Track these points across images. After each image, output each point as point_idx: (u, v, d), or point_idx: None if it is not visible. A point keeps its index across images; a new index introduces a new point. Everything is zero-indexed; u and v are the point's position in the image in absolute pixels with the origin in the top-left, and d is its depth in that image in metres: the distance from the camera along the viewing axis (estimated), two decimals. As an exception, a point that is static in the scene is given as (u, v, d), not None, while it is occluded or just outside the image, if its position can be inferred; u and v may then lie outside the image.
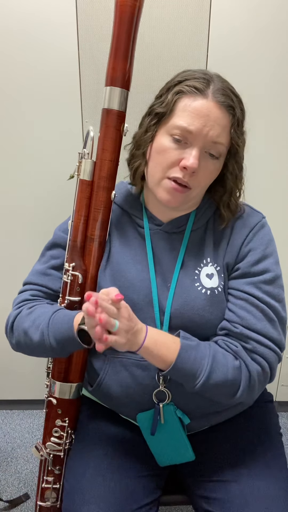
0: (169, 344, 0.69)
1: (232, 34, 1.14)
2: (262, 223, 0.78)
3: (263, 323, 0.72)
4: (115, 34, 0.71)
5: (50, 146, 1.25)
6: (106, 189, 0.76)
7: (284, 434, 1.46)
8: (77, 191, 0.78)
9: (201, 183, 0.72)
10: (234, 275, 0.76)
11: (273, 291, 0.74)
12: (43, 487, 0.85)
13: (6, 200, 1.32)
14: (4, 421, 1.60)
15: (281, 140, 1.25)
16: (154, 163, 0.72)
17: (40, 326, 0.75)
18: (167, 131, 0.70)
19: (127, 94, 0.74)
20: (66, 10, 1.11)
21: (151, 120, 0.73)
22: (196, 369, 0.68)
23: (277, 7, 1.12)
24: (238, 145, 0.71)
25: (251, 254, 0.75)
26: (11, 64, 1.16)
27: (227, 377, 0.69)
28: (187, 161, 0.67)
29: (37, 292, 0.83)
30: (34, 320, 0.76)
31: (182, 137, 0.68)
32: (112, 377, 0.78)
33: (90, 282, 0.78)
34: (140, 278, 0.76)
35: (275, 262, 0.76)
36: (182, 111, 0.69)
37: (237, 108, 0.70)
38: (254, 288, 0.73)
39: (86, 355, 0.82)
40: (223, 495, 0.72)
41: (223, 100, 0.68)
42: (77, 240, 0.78)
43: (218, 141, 0.69)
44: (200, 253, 0.77)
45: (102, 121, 0.75)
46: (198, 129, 0.67)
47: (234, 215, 0.77)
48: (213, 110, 0.68)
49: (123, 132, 0.76)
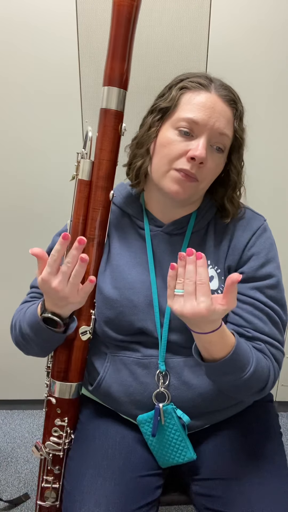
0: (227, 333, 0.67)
1: (232, 33, 1.14)
2: (264, 227, 0.78)
3: (269, 326, 0.74)
4: (113, 34, 0.71)
5: (50, 146, 1.25)
6: (104, 189, 0.76)
7: (284, 434, 1.46)
8: (76, 191, 0.78)
9: (207, 176, 0.71)
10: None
11: (276, 295, 0.75)
12: (43, 486, 0.85)
13: (6, 200, 1.32)
14: (4, 421, 1.60)
15: (281, 138, 1.25)
16: (159, 157, 0.71)
17: (19, 317, 0.78)
18: (172, 125, 0.70)
19: (125, 94, 0.74)
20: (66, 10, 1.11)
21: (155, 117, 0.73)
22: (248, 358, 0.67)
23: (277, 6, 1.12)
24: (242, 138, 0.73)
25: (255, 259, 0.75)
26: (11, 64, 1.16)
27: (263, 371, 0.69)
28: (195, 151, 0.67)
29: (37, 295, 0.85)
30: (20, 314, 0.80)
31: (188, 129, 0.69)
32: (113, 375, 0.78)
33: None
34: (140, 279, 0.76)
35: (277, 267, 0.77)
36: (187, 104, 0.69)
37: (238, 102, 0.72)
38: (259, 293, 0.74)
39: (85, 355, 0.82)
40: (225, 493, 0.72)
41: (226, 94, 0.70)
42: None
43: (224, 133, 0.69)
44: None
45: (100, 121, 0.75)
46: (204, 120, 0.68)
47: (237, 212, 0.77)
48: (217, 103, 0.69)
49: (121, 132, 0.76)
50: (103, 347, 0.81)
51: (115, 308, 0.75)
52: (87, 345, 0.81)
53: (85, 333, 0.79)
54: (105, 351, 0.81)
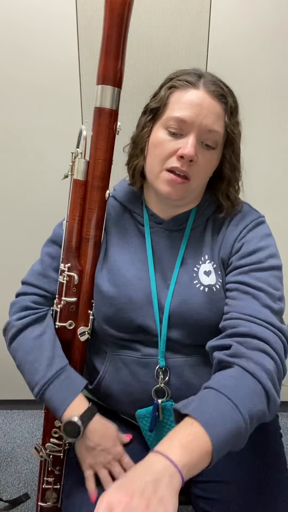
0: (190, 435, 0.56)
1: (232, 33, 1.13)
2: (258, 221, 0.77)
3: (255, 307, 0.67)
4: (106, 32, 0.70)
5: (51, 146, 1.24)
6: (100, 188, 0.75)
7: (284, 434, 1.45)
8: (71, 191, 0.77)
9: (200, 173, 0.72)
10: (228, 270, 0.75)
11: (267, 278, 0.69)
12: (44, 487, 0.85)
13: (6, 200, 1.31)
14: (4, 421, 1.60)
15: (282, 136, 1.24)
16: (151, 157, 0.73)
17: (37, 378, 0.75)
18: (163, 124, 0.71)
19: (119, 92, 0.73)
20: (66, 10, 1.11)
21: (147, 117, 0.74)
22: (230, 416, 0.58)
23: (277, 6, 1.11)
24: (234, 133, 0.72)
25: (244, 247, 0.74)
26: (11, 64, 1.15)
27: (252, 391, 0.60)
28: (184, 149, 0.68)
29: (37, 298, 0.81)
30: (33, 362, 0.76)
31: (177, 128, 0.69)
32: (113, 374, 0.78)
33: (87, 282, 0.78)
34: (139, 276, 0.75)
35: (271, 255, 0.73)
36: (175, 103, 0.70)
37: (229, 97, 0.71)
38: (245, 276, 0.70)
39: (84, 355, 0.82)
40: (223, 496, 0.71)
41: (214, 89, 0.69)
42: (72, 241, 0.78)
43: (213, 129, 0.69)
44: (199, 250, 0.77)
45: (94, 120, 0.74)
46: (192, 118, 0.68)
47: (234, 206, 0.77)
48: (205, 100, 0.69)
49: (116, 131, 0.75)
50: (103, 346, 0.81)
51: (114, 305, 0.75)
52: (85, 346, 0.81)
53: (84, 333, 0.79)
54: (105, 350, 0.80)
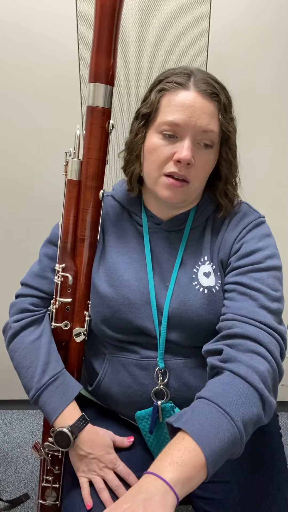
0: (181, 450, 0.54)
1: (232, 34, 1.12)
2: (258, 222, 0.75)
3: (251, 308, 0.66)
4: (97, 29, 0.69)
5: (50, 146, 1.24)
6: (93, 188, 0.75)
7: (284, 434, 1.46)
8: (65, 191, 0.77)
9: (199, 175, 0.71)
10: (227, 270, 0.74)
11: (266, 279, 0.68)
12: (43, 486, 0.85)
13: (6, 201, 1.31)
14: (4, 421, 1.60)
15: (281, 138, 1.23)
16: (148, 163, 0.72)
17: (31, 384, 0.75)
18: (156, 129, 0.70)
19: (112, 90, 0.73)
20: (66, 10, 1.10)
21: (139, 123, 0.73)
22: (222, 425, 0.56)
23: (277, 7, 1.10)
24: (229, 131, 0.71)
25: (243, 248, 0.73)
26: (11, 64, 1.15)
27: (244, 395, 0.59)
28: (180, 154, 0.67)
29: (35, 300, 0.81)
30: (28, 367, 0.76)
31: (171, 132, 0.68)
32: (112, 376, 0.78)
33: (83, 282, 0.78)
34: (137, 277, 0.75)
35: (270, 255, 0.71)
36: (166, 106, 0.68)
37: (221, 94, 0.69)
38: (243, 276, 0.69)
39: (81, 356, 0.81)
40: (223, 496, 0.71)
41: (205, 88, 0.68)
42: (68, 241, 0.77)
43: (208, 129, 0.68)
44: (198, 251, 0.76)
45: (87, 119, 0.73)
46: (185, 121, 0.67)
47: (233, 205, 0.76)
48: (197, 100, 0.67)
49: (109, 129, 0.74)
50: (102, 348, 0.81)
51: (111, 306, 0.74)
52: (82, 347, 0.81)
53: (79, 334, 0.79)
54: (104, 352, 0.80)
